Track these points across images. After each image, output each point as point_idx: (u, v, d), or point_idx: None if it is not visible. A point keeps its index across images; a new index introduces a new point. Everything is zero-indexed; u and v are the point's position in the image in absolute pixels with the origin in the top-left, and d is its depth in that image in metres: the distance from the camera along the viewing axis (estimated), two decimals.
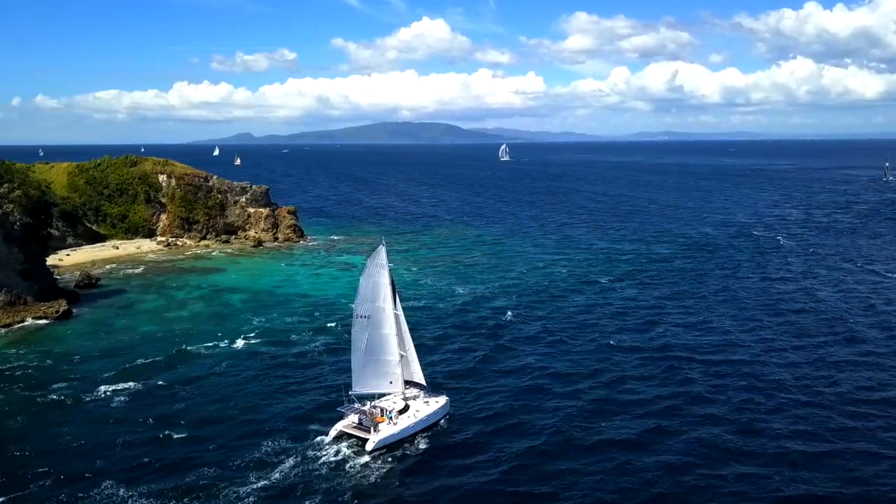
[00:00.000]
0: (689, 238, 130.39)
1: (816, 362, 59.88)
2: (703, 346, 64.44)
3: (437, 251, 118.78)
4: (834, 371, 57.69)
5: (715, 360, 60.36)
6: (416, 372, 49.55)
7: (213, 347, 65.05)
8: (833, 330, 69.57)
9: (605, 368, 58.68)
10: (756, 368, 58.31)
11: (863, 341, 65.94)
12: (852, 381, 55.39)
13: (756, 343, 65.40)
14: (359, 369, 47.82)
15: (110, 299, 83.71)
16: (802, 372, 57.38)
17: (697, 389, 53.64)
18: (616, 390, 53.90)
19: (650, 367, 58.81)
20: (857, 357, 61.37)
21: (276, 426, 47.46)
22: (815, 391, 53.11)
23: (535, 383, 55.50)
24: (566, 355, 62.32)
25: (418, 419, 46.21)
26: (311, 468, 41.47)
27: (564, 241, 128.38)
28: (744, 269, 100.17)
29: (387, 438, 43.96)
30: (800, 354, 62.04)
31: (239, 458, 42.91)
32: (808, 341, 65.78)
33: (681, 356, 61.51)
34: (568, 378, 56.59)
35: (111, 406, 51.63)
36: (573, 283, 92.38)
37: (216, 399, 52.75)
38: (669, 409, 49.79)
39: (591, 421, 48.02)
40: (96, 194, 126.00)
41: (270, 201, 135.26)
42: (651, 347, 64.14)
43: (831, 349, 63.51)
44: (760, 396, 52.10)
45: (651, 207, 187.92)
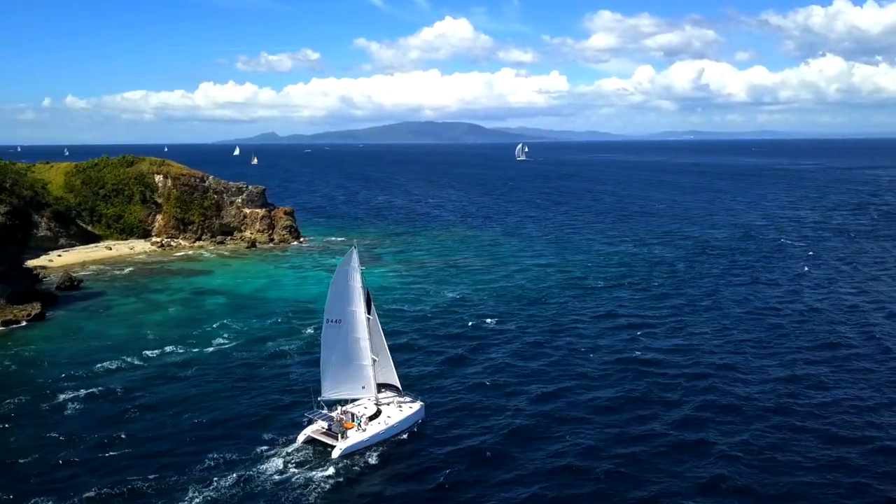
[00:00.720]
0: (694, 240, 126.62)
1: (805, 378, 56.52)
2: (677, 355, 61.73)
3: (432, 253, 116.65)
4: (828, 385, 54.35)
5: (686, 371, 57.42)
6: (390, 376, 48.56)
7: (182, 353, 63.44)
8: (821, 338, 66.26)
9: (580, 375, 56.96)
10: (718, 381, 55.11)
11: (848, 346, 62.85)
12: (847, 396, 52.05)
13: (725, 350, 62.34)
14: (329, 374, 46.83)
15: (88, 302, 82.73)
16: (782, 388, 54.22)
17: (656, 397, 51.13)
18: (581, 397, 52.03)
19: (620, 376, 56.58)
20: (856, 372, 57.66)
21: (241, 432, 46.09)
22: (797, 410, 50.05)
23: (512, 390, 53.93)
24: (543, 361, 60.62)
25: (389, 425, 45.11)
26: (273, 475, 40.39)
27: (563, 243, 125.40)
28: (744, 274, 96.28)
29: (354, 445, 42.90)
30: (779, 366, 58.74)
31: (198, 464, 41.68)
32: (789, 347, 62.59)
33: (654, 365, 58.92)
34: (543, 383, 55.10)
35: (64, 413, 50.24)
36: (564, 286, 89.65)
37: (177, 405, 51.26)
38: (638, 419, 47.60)
39: (552, 427, 46.86)
40: (92, 194, 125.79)
41: (267, 202, 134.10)
42: (626, 357, 61.23)
43: (820, 358, 60.19)
44: (717, 412, 49.16)
45: (660, 208, 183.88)
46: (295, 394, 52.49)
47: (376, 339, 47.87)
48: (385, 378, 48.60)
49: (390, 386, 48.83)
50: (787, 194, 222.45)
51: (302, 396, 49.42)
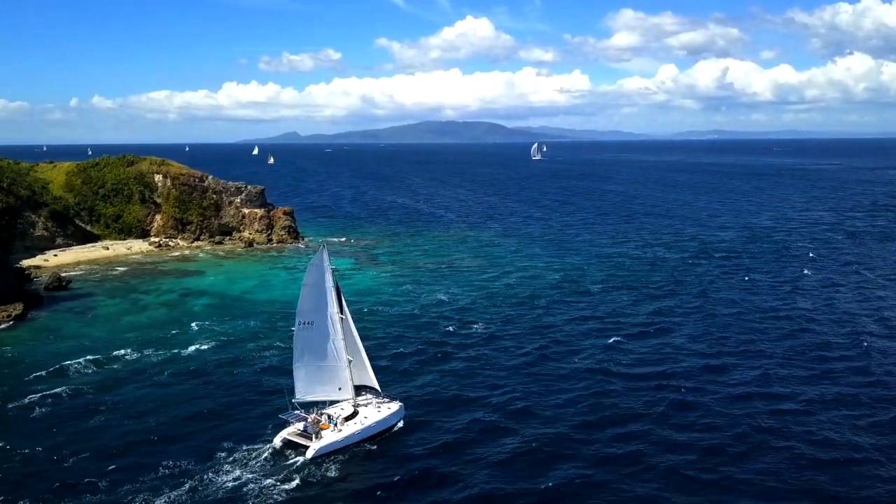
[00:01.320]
0: (698, 242, 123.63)
1: (778, 386, 54.11)
2: (654, 358, 60.21)
3: (428, 253, 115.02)
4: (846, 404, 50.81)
5: (656, 372, 55.21)
6: (368, 376, 48.01)
7: (159, 354, 62.65)
8: (807, 346, 63.63)
9: (556, 377, 56.06)
10: (687, 385, 52.99)
11: (836, 358, 59.84)
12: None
13: (702, 355, 59.91)
14: (303, 376, 46.43)
15: (74, 303, 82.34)
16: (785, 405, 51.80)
17: (632, 405, 48.99)
18: (551, 400, 51.15)
19: (595, 379, 55.16)
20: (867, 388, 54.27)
21: (212, 434, 45.70)
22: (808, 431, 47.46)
23: (489, 392, 53.19)
24: (521, 363, 59.91)
25: (365, 426, 44.82)
26: (243, 477, 40.05)
27: (563, 244, 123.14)
28: (742, 278, 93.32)
29: (329, 446, 42.75)
30: (757, 375, 56.27)
31: (159, 467, 41.12)
32: (771, 354, 60.00)
33: (629, 368, 57.37)
34: (521, 385, 54.56)
35: (30, 417, 49.55)
36: (555, 288, 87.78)
37: (146, 407, 50.84)
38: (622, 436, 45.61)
39: (523, 428, 46.42)
40: (92, 194, 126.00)
41: (266, 202, 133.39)
42: (603, 361, 59.27)
43: (802, 368, 57.65)
44: (714, 435, 46.95)
45: (670, 209, 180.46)
46: (271, 395, 51.64)
47: (350, 339, 47.14)
48: (361, 379, 47.95)
49: (369, 388, 48.32)
50: (803, 195, 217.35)
51: (279, 398, 48.59)
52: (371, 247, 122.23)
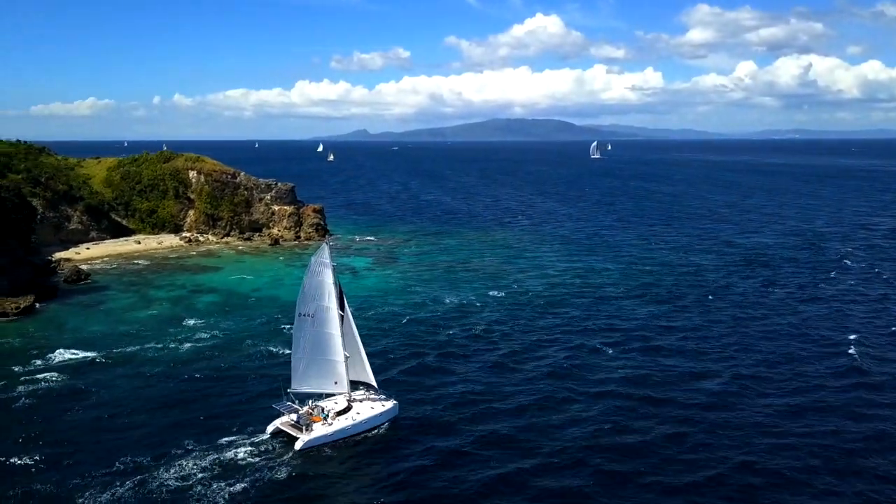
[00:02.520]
0: (740, 248, 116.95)
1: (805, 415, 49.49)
2: (664, 375, 55.56)
3: (452, 254, 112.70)
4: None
5: (659, 391, 51.52)
6: (365, 373, 48.50)
7: (157, 350, 63.56)
8: (840, 369, 57.96)
9: (562, 395, 53.02)
10: (694, 408, 48.99)
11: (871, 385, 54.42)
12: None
13: (721, 375, 55.52)
14: (300, 368, 47.34)
15: (86, 296, 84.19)
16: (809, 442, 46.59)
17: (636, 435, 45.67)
18: (550, 417, 48.55)
19: (598, 391, 52.09)
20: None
21: (207, 424, 46.45)
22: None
23: (491, 398, 51.81)
24: (522, 372, 57.91)
25: (356, 421, 45.32)
26: (235, 464, 40.84)
27: (594, 247, 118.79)
28: (781, 288, 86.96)
29: (318, 439, 43.32)
30: (781, 403, 51.59)
31: (164, 452, 42.23)
32: (799, 378, 55.04)
33: (638, 384, 53.61)
34: (520, 394, 52.75)
35: (12, 407, 50.48)
36: (574, 294, 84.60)
37: (137, 397, 52.03)
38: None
39: (519, 436, 45.38)
40: (129, 189, 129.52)
41: (296, 199, 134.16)
42: (611, 373, 56.02)
43: (832, 395, 52.60)
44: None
45: (718, 212, 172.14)
46: (265, 387, 52.65)
47: (349, 335, 47.67)
48: (358, 375, 48.38)
49: (366, 384, 48.71)
50: (871, 199, 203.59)
51: (273, 390, 49.18)
52: (395, 246, 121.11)
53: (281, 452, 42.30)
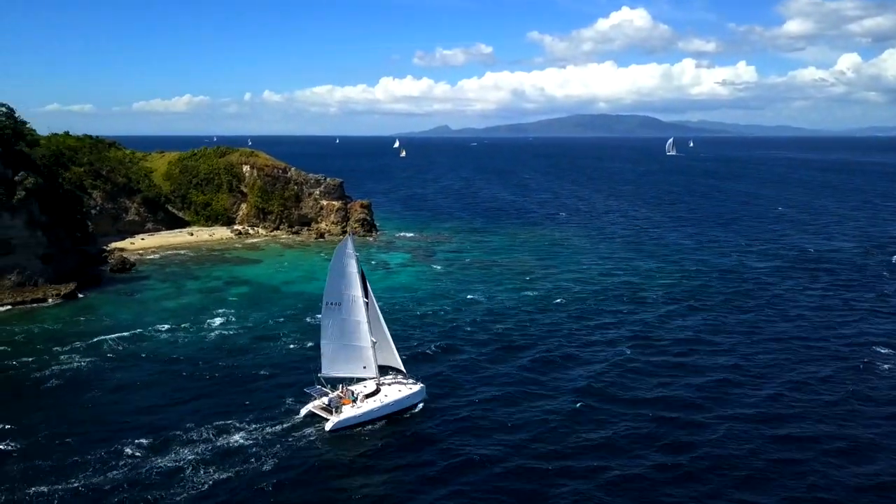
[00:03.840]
0: (801, 253, 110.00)
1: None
2: (689, 394, 52.33)
3: (491, 252, 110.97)
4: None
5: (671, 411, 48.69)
6: (393, 358, 50.46)
7: (182, 338, 66.15)
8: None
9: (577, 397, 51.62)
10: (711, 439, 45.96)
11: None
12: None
13: (752, 398, 51.90)
14: (329, 354, 49.36)
15: (126, 285, 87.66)
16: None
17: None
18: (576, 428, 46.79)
19: (615, 412, 49.01)
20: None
21: (242, 405, 48.82)
22: None
23: (516, 390, 52.33)
24: (557, 374, 56.59)
25: (384, 404, 47.36)
26: (267, 444, 42.92)
27: (643, 247, 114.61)
28: (841, 299, 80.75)
29: (347, 420, 45.45)
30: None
31: (198, 434, 44.25)
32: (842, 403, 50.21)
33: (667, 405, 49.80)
34: (543, 398, 51.39)
35: (40, 388, 53.23)
36: (610, 297, 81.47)
37: (163, 381, 54.31)
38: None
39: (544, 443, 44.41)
40: (186, 182, 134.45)
41: (344, 194, 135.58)
42: (636, 391, 53.16)
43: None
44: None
45: (789, 213, 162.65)
46: (298, 373, 54.28)
47: (375, 322, 49.68)
48: (386, 360, 50.31)
49: (394, 369, 50.69)
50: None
51: (299, 376, 52.28)
52: (437, 243, 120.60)
53: (312, 433, 44.52)
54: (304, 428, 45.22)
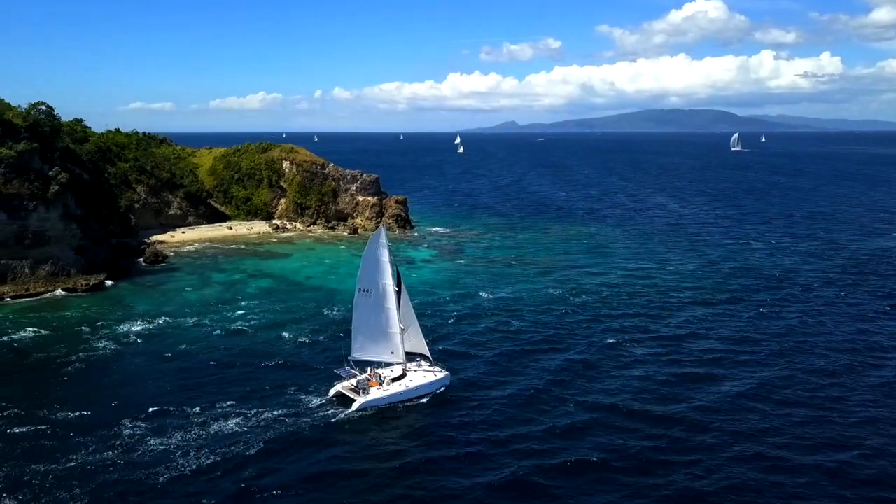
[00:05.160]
0: (849, 252, 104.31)
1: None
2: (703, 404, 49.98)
3: (519, 249, 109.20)
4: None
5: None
6: (421, 345, 52.57)
7: (199, 326, 68.57)
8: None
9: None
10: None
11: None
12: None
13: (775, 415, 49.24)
14: (359, 338, 51.81)
15: (154, 277, 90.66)
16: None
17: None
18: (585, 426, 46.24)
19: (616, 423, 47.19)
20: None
21: (275, 383, 52.45)
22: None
23: (539, 386, 52.47)
24: (583, 374, 55.59)
25: (408, 388, 49.78)
26: (297, 420, 45.89)
27: (679, 245, 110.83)
28: (885, 303, 76.20)
29: (372, 401, 47.96)
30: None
31: (208, 416, 46.72)
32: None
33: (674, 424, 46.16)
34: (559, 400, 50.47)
35: (60, 372, 55.67)
36: (634, 297, 78.61)
37: (178, 373, 55.78)
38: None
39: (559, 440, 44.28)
40: (229, 177, 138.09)
41: (380, 190, 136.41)
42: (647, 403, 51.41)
43: None
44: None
45: (844, 211, 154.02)
46: (325, 358, 57.38)
47: (405, 310, 51.91)
48: (414, 347, 52.51)
49: (422, 356, 52.71)
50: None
51: (335, 358, 54.47)
52: (468, 239, 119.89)
53: (339, 412, 47.08)
54: (333, 406, 47.95)
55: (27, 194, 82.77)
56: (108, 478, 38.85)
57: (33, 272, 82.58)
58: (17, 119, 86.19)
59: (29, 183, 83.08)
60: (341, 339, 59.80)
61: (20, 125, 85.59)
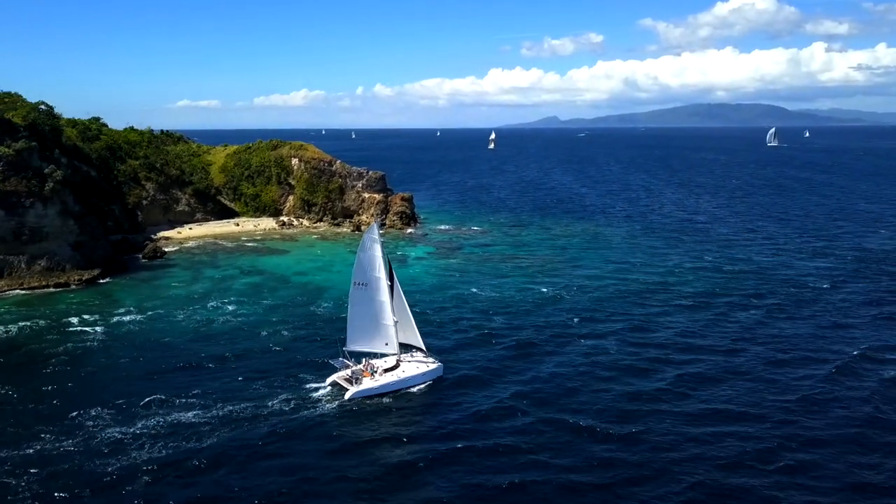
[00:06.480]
0: (865, 254, 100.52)
1: None
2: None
3: (518, 248, 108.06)
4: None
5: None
6: (414, 337, 54.12)
7: (181, 320, 69.83)
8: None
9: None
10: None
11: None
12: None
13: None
14: (354, 329, 53.72)
15: (149, 272, 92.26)
16: None
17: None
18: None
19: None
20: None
21: (270, 373, 54.35)
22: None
23: (507, 390, 52.17)
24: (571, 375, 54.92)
25: (401, 378, 51.53)
26: (289, 407, 47.91)
27: (686, 244, 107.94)
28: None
29: (364, 391, 49.84)
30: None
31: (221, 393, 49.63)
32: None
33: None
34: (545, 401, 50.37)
35: (42, 363, 57.22)
36: (621, 298, 76.84)
37: (154, 366, 57.00)
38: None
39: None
40: (240, 174, 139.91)
41: (386, 187, 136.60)
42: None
43: None
44: None
45: (871, 209, 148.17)
46: (321, 350, 58.86)
47: (398, 302, 53.78)
48: (408, 339, 54.18)
49: (416, 347, 54.25)
50: None
51: (331, 348, 56.34)
52: (471, 236, 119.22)
53: (332, 400, 49.10)
54: (328, 396, 49.92)
55: (24, 191, 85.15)
56: (60, 467, 39.67)
57: (29, 267, 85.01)
58: (16, 118, 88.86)
59: (27, 180, 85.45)
60: (322, 333, 62.75)
61: (19, 124, 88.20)
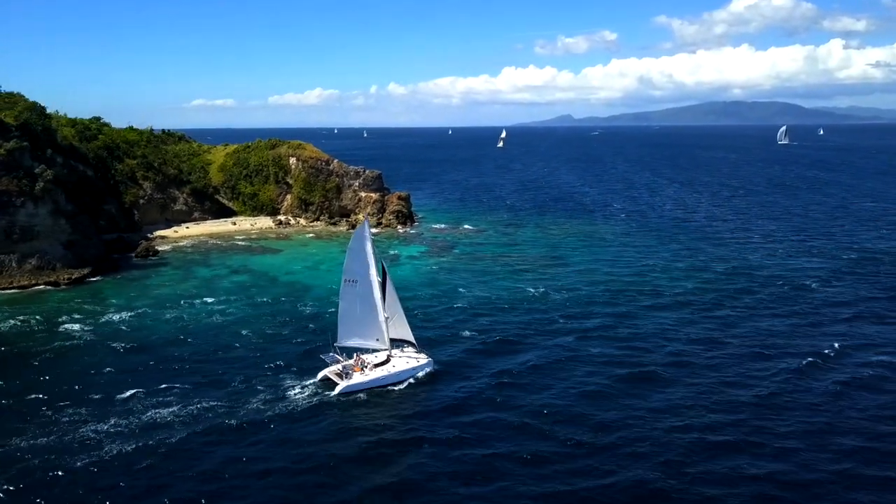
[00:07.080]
0: (863, 252, 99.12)
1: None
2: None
3: (512, 247, 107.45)
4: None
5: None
6: (404, 332, 54.88)
7: (170, 321, 69.66)
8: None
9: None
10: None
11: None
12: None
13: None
14: (345, 325, 54.35)
15: (139, 271, 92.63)
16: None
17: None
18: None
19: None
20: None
21: (259, 370, 54.83)
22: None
23: (486, 392, 51.89)
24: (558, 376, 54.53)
25: (390, 373, 52.24)
26: (281, 402, 48.46)
27: (679, 243, 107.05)
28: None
29: (354, 385, 50.36)
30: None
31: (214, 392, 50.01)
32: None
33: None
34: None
35: (25, 361, 57.63)
36: (606, 298, 76.43)
37: (137, 364, 57.09)
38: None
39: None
40: (238, 173, 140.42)
41: (383, 186, 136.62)
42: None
43: None
44: None
45: (871, 208, 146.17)
46: (312, 344, 59.71)
47: (390, 299, 54.42)
48: (399, 334, 54.90)
49: (407, 342, 55.04)
50: None
51: (322, 344, 56.59)
52: (465, 235, 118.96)
53: (322, 394, 49.74)
54: (317, 391, 50.39)
55: (16, 191, 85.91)
56: (31, 463, 40.01)
57: (20, 266, 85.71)
58: (8, 118, 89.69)
59: (18, 180, 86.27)
60: (311, 330, 64.21)
61: (11, 124, 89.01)
